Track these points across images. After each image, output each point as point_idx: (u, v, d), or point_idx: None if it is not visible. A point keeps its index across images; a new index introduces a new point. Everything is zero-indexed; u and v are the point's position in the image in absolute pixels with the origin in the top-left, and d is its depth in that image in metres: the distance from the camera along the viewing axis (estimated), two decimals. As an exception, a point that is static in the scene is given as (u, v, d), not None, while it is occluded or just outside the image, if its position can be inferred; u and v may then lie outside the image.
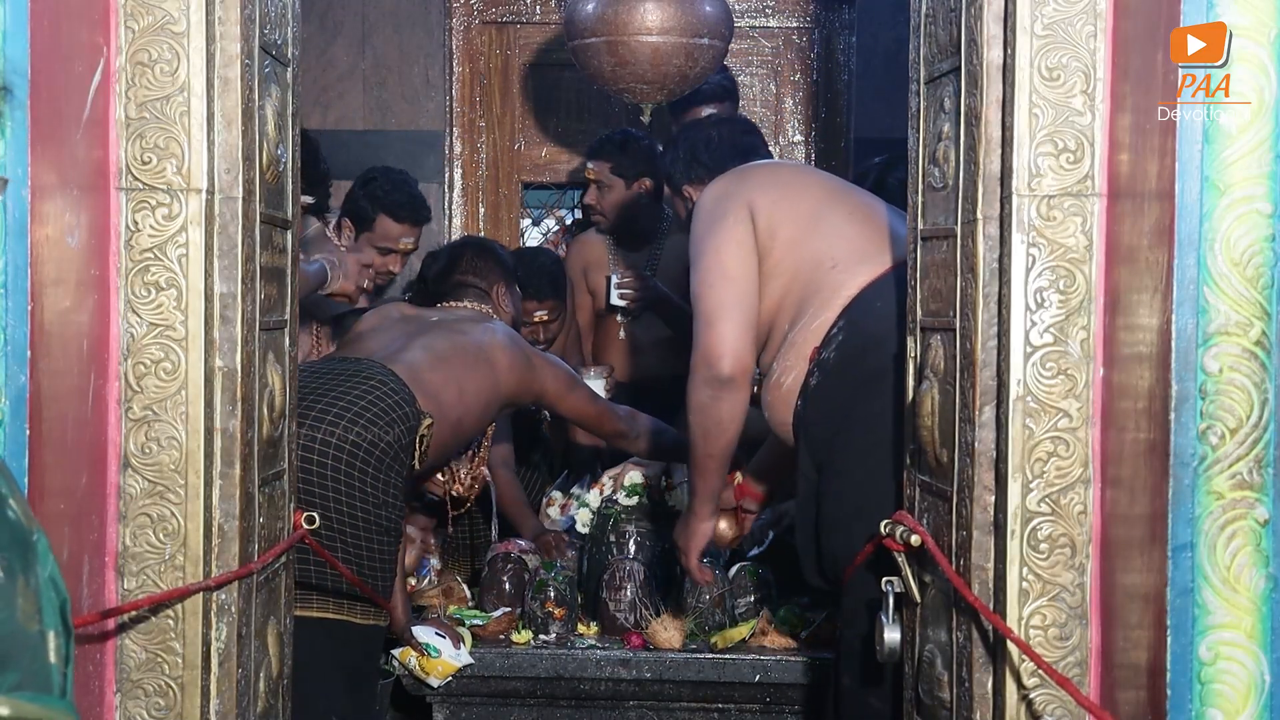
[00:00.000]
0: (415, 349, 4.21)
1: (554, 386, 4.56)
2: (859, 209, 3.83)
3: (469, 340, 4.34)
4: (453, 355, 4.26)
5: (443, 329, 4.38)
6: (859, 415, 3.48)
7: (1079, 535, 2.56)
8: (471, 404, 4.24)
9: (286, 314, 3.00)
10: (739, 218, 3.69)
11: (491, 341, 4.37)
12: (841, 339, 3.57)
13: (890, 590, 2.96)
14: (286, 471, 3.02)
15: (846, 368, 3.54)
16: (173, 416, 2.64)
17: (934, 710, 2.86)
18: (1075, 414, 2.55)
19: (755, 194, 3.75)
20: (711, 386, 3.66)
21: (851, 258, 3.65)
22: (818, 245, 3.68)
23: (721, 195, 3.78)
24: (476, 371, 4.27)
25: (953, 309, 2.74)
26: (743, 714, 4.51)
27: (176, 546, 2.65)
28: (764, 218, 3.69)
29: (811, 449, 3.62)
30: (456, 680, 4.46)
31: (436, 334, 4.33)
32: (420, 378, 4.08)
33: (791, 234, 3.69)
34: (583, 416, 4.76)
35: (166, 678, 2.66)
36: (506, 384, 4.36)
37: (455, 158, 6.66)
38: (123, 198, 2.62)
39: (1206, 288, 2.27)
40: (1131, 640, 2.47)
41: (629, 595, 4.59)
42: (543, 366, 4.53)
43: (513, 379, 4.38)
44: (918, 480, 2.95)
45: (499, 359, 4.35)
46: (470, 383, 4.24)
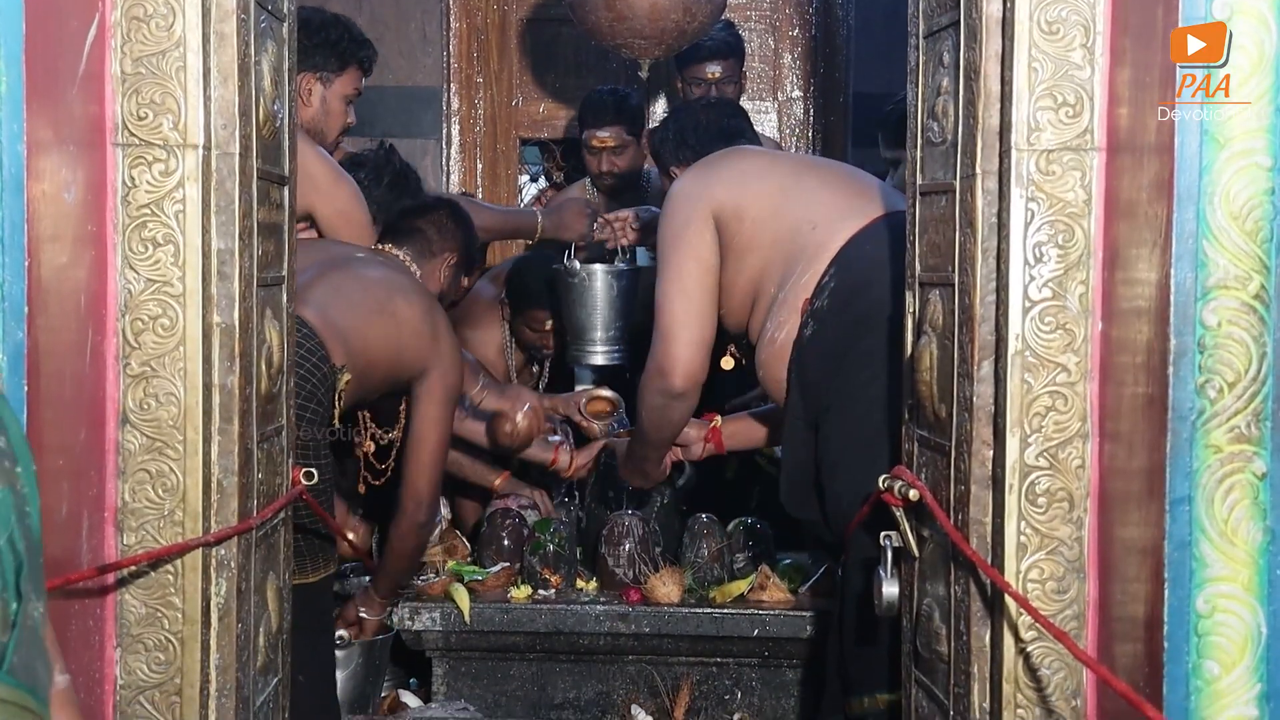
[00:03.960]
0: (324, 287, 3.83)
1: (437, 382, 4.04)
2: (834, 175, 4.02)
3: (380, 288, 3.98)
4: (363, 300, 3.92)
5: (358, 267, 4.04)
6: (854, 354, 3.54)
7: (1077, 489, 2.56)
8: (377, 358, 3.90)
9: (284, 270, 2.99)
10: (700, 228, 3.86)
11: (404, 298, 4.00)
12: (833, 285, 3.64)
13: (889, 545, 2.96)
14: (285, 428, 3.02)
15: (840, 310, 3.60)
16: (171, 372, 2.64)
17: (932, 664, 2.87)
18: (1073, 368, 2.55)
19: (717, 189, 3.89)
20: (663, 396, 3.97)
21: (832, 216, 3.76)
22: (793, 213, 3.80)
23: (686, 197, 3.93)
24: (380, 322, 3.92)
25: (951, 264, 2.73)
26: (741, 668, 4.52)
27: (175, 502, 2.65)
28: (728, 210, 3.85)
29: (807, 399, 3.66)
30: (456, 635, 4.47)
31: (349, 272, 3.98)
32: (331, 321, 3.74)
33: (759, 212, 3.82)
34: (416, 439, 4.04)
35: (166, 632, 2.67)
36: (408, 347, 3.96)
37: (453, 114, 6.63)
38: (119, 153, 2.61)
39: (1205, 242, 2.27)
40: (1129, 593, 2.47)
41: (628, 550, 4.60)
42: (446, 354, 4.06)
43: (413, 344, 3.97)
44: (916, 435, 2.95)
45: (405, 316, 3.97)
46: (375, 333, 3.89)
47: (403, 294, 4.02)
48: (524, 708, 4.55)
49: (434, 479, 4.12)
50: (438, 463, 4.11)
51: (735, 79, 5.96)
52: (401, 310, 3.98)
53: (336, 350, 3.72)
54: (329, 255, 4.02)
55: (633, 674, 4.55)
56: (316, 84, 4.47)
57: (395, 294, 4.00)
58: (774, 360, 3.77)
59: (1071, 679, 2.59)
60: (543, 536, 4.66)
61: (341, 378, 3.71)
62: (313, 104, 4.47)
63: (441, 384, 4.05)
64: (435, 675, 4.58)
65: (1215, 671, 2.31)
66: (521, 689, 4.56)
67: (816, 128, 6.76)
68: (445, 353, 4.05)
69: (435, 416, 4.05)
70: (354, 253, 4.14)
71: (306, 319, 3.62)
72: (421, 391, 4.04)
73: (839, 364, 3.58)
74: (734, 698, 4.53)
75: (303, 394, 3.48)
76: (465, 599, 4.46)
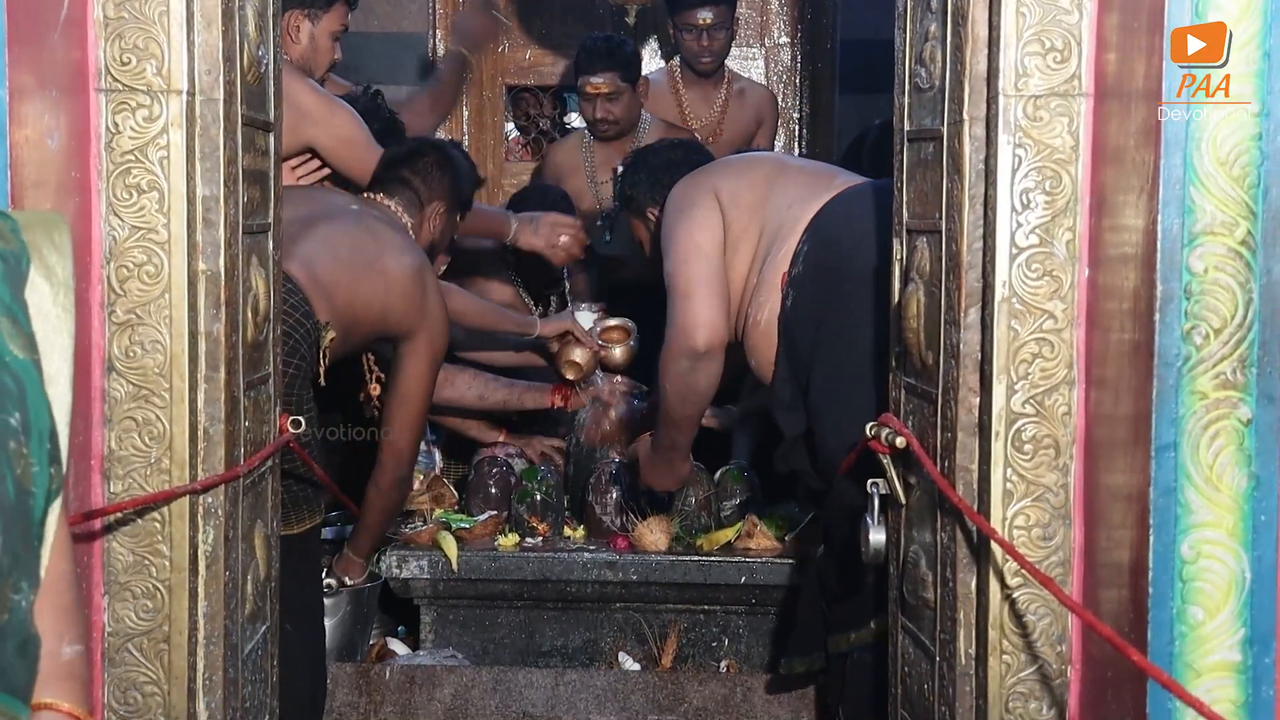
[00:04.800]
0: (311, 241, 3.78)
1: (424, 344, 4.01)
2: (809, 165, 4.19)
3: (370, 244, 3.92)
4: (351, 256, 3.86)
5: (348, 220, 3.97)
6: (835, 305, 3.56)
7: (1063, 436, 2.57)
8: (362, 316, 3.86)
9: (270, 217, 2.98)
10: (707, 205, 3.87)
11: (395, 257, 3.94)
12: (807, 248, 3.68)
13: (875, 492, 2.97)
14: (271, 376, 3.01)
15: (817, 269, 3.64)
16: (156, 320, 2.63)
17: (918, 610, 2.88)
18: (1060, 315, 2.55)
19: (717, 178, 3.96)
20: (688, 358, 3.82)
21: (806, 194, 3.81)
22: (775, 198, 3.85)
23: (689, 187, 3.97)
24: (368, 280, 3.87)
25: (939, 211, 2.73)
26: (728, 615, 4.54)
27: (162, 450, 2.65)
28: (727, 194, 3.88)
29: (794, 361, 3.69)
30: (444, 583, 4.48)
31: (338, 225, 3.91)
32: (316, 276, 3.69)
33: (752, 197, 3.86)
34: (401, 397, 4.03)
35: (154, 580, 2.67)
36: (395, 308, 3.92)
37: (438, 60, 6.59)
38: (102, 99, 2.59)
39: (1193, 187, 2.27)
40: (1114, 540, 2.48)
41: (615, 498, 4.61)
42: (434, 316, 4.02)
43: (400, 305, 3.93)
44: (903, 382, 2.95)
45: (394, 275, 3.91)
46: (361, 290, 3.85)
47: (393, 251, 3.96)
48: (511, 655, 4.56)
49: (415, 437, 4.13)
50: (420, 421, 4.12)
51: (727, 25, 5.96)
52: (391, 268, 3.93)
53: (321, 306, 3.69)
54: (319, 207, 3.97)
55: (620, 621, 4.57)
56: (304, 21, 4.48)
57: (385, 251, 3.95)
58: (761, 340, 3.79)
59: (1057, 624, 2.60)
60: (530, 484, 4.67)
61: (326, 334, 3.67)
62: (301, 41, 4.48)
63: (429, 346, 4.03)
64: (423, 623, 4.59)
65: (1199, 617, 2.32)
66: (509, 636, 4.58)
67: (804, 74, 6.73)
68: (433, 314, 4.02)
69: (420, 376, 4.04)
70: (347, 204, 4.11)
71: (291, 274, 3.56)
72: (408, 350, 4.01)
73: (821, 318, 3.60)
74: (721, 645, 4.55)
75: (286, 348, 3.42)
76: (453, 547, 4.47)
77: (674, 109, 6.13)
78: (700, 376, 3.83)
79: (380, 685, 4.32)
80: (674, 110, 6.12)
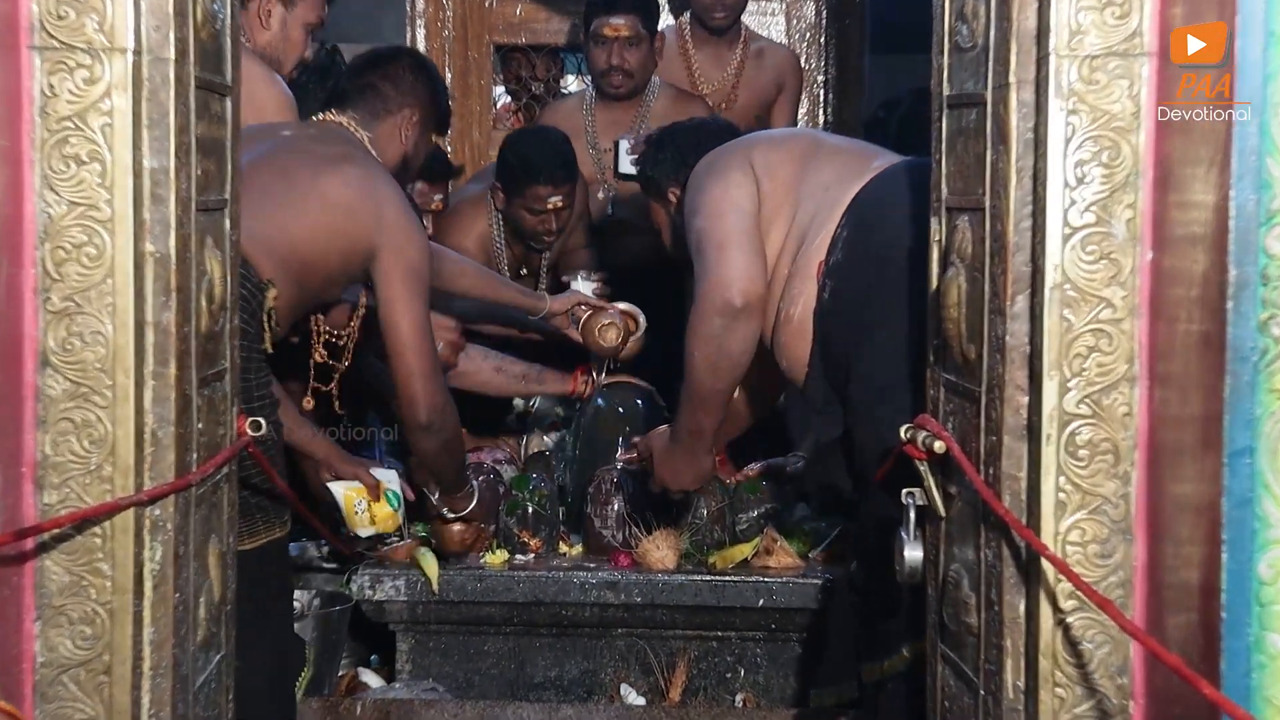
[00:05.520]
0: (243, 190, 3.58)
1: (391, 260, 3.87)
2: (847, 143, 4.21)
3: (304, 170, 3.83)
4: (283, 193, 3.77)
5: (278, 154, 3.86)
6: (877, 293, 3.58)
7: (1123, 440, 2.56)
8: (311, 258, 3.79)
9: (227, 192, 2.97)
10: (742, 168, 3.88)
11: (332, 169, 3.84)
12: (846, 234, 3.70)
13: (911, 503, 2.96)
14: (228, 371, 3.01)
15: (857, 256, 3.66)
16: (98, 308, 2.62)
17: (960, 636, 2.87)
18: (1119, 303, 2.54)
19: (752, 149, 3.98)
20: (723, 315, 3.75)
21: (845, 174, 3.83)
22: (811, 178, 3.87)
23: (721, 154, 3.99)
24: (307, 212, 3.79)
25: (982, 186, 2.72)
26: (745, 643, 4.55)
27: (104, 455, 2.64)
28: (761, 164, 3.90)
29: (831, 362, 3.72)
30: (423, 606, 4.49)
31: (268, 163, 3.80)
32: (250, 230, 3.47)
33: (788, 173, 3.88)
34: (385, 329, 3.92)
35: (94, 603, 2.65)
36: (344, 231, 3.82)
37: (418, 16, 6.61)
38: (36, 58, 2.58)
39: (1270, 159, 2.27)
40: (1181, 557, 2.47)
41: (617, 509, 4.61)
42: (394, 225, 3.88)
43: (348, 226, 3.83)
44: (942, 379, 2.95)
45: (335, 194, 3.82)
46: (302, 227, 3.78)
47: (330, 168, 3.88)
48: (499, 688, 4.57)
49: (421, 370, 3.93)
50: (418, 351, 3.92)
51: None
52: (331, 188, 3.85)
53: (263, 263, 3.65)
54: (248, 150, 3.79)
55: (622, 650, 4.58)
56: (277, 5, 4.46)
57: (321, 171, 3.87)
58: (793, 338, 3.81)
59: (1117, 654, 2.58)
60: (521, 495, 4.68)
61: (268, 294, 3.62)
62: (271, 27, 4.47)
63: (397, 260, 3.88)
64: (399, 651, 4.61)
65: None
66: (497, 667, 4.59)
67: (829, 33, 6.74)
68: (393, 223, 3.88)
69: (398, 298, 3.89)
70: (276, 132, 4.01)
71: None
72: (378, 277, 3.89)
73: (862, 311, 3.62)
74: (736, 676, 4.57)
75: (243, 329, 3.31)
76: (433, 565, 4.48)
77: (682, 72, 6.13)
78: (735, 338, 3.77)
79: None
80: (682, 74, 6.12)
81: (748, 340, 3.79)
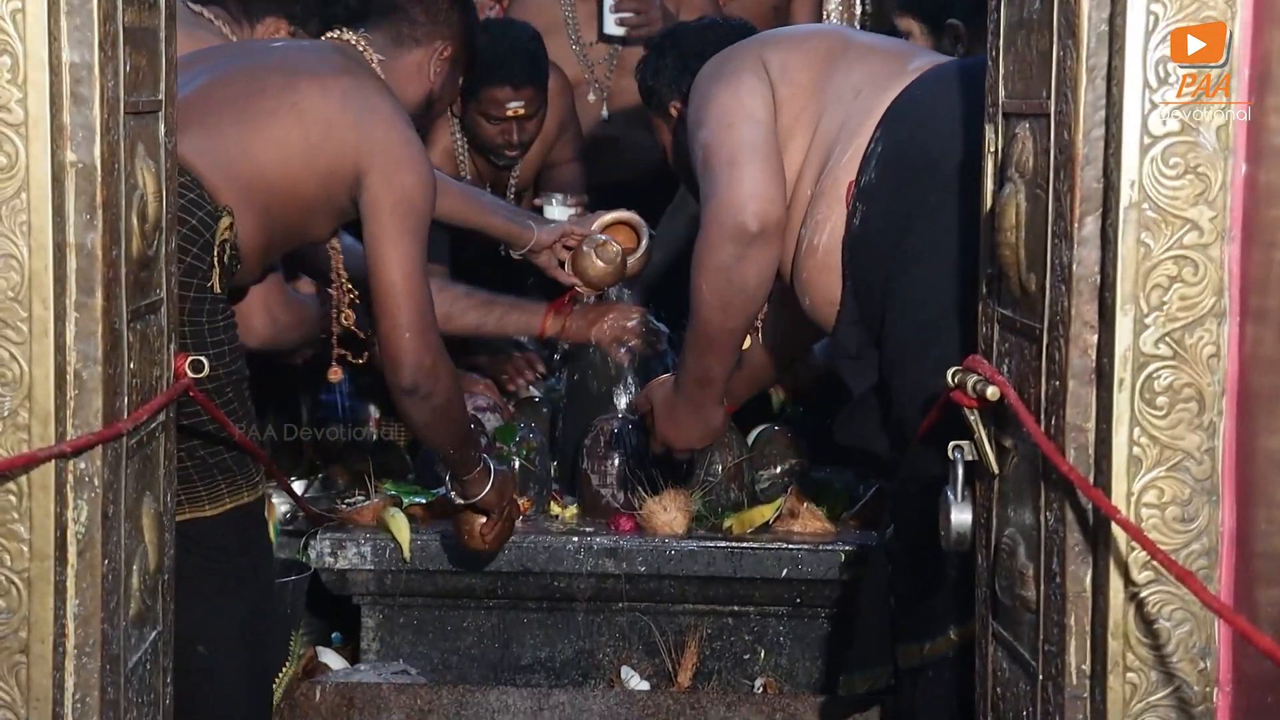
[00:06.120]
0: (198, 102, 3.52)
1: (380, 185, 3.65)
2: (881, 41, 4.17)
3: (277, 75, 3.69)
4: (247, 104, 3.63)
5: (250, 59, 3.78)
6: (920, 225, 3.55)
7: (1209, 386, 2.54)
8: (279, 181, 3.62)
9: (161, 92, 2.94)
10: (754, 71, 3.84)
11: (310, 80, 3.68)
12: (881, 149, 3.66)
13: (959, 459, 2.96)
14: (165, 302, 2.99)
15: (895, 181, 3.62)
16: (10, 228, 2.58)
17: (1015, 613, 2.87)
18: (1207, 226, 2.51)
19: (766, 49, 3.93)
20: (735, 242, 3.71)
21: (878, 78, 3.80)
22: (838, 82, 3.83)
23: (730, 54, 3.96)
24: (277, 124, 3.63)
25: (1046, 88, 2.69)
26: (765, 619, 4.60)
27: (18, 400, 2.62)
28: (777, 67, 3.86)
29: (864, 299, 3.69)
30: (392, 576, 4.46)
31: (235, 71, 3.70)
32: (206, 149, 3.43)
33: (808, 77, 3.84)
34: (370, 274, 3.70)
35: (8, 571, 2.64)
36: (322, 148, 3.64)
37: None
38: (-68, -68, 2.57)
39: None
40: (1276, 522, 2.47)
41: (618, 465, 4.59)
42: (385, 142, 3.68)
43: (327, 143, 3.64)
44: (996, 315, 2.93)
45: (311, 104, 3.65)
46: (269, 143, 3.62)
47: (309, 74, 3.71)
48: (481, 670, 4.61)
49: (409, 322, 3.68)
50: (409, 299, 3.67)
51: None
52: (306, 98, 3.66)
53: (220, 187, 3.52)
54: (218, 58, 3.78)
55: (624, 627, 4.60)
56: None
57: (298, 77, 3.69)
58: (818, 271, 3.76)
59: (1199, 633, 2.58)
60: (506, 447, 4.66)
61: (220, 224, 3.48)
62: None
63: (387, 188, 3.66)
64: (365, 628, 4.64)
65: (1392, 625, 2.31)
66: (478, 646, 4.63)
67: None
68: (384, 142, 3.68)
69: (385, 234, 3.67)
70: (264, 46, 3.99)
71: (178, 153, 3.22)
72: (364, 209, 3.69)
73: (900, 239, 3.60)
74: (755, 657, 4.60)
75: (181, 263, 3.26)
76: (404, 529, 4.48)
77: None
78: (750, 268, 3.72)
79: (309, 709, 4.34)
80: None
81: (764, 272, 3.75)
